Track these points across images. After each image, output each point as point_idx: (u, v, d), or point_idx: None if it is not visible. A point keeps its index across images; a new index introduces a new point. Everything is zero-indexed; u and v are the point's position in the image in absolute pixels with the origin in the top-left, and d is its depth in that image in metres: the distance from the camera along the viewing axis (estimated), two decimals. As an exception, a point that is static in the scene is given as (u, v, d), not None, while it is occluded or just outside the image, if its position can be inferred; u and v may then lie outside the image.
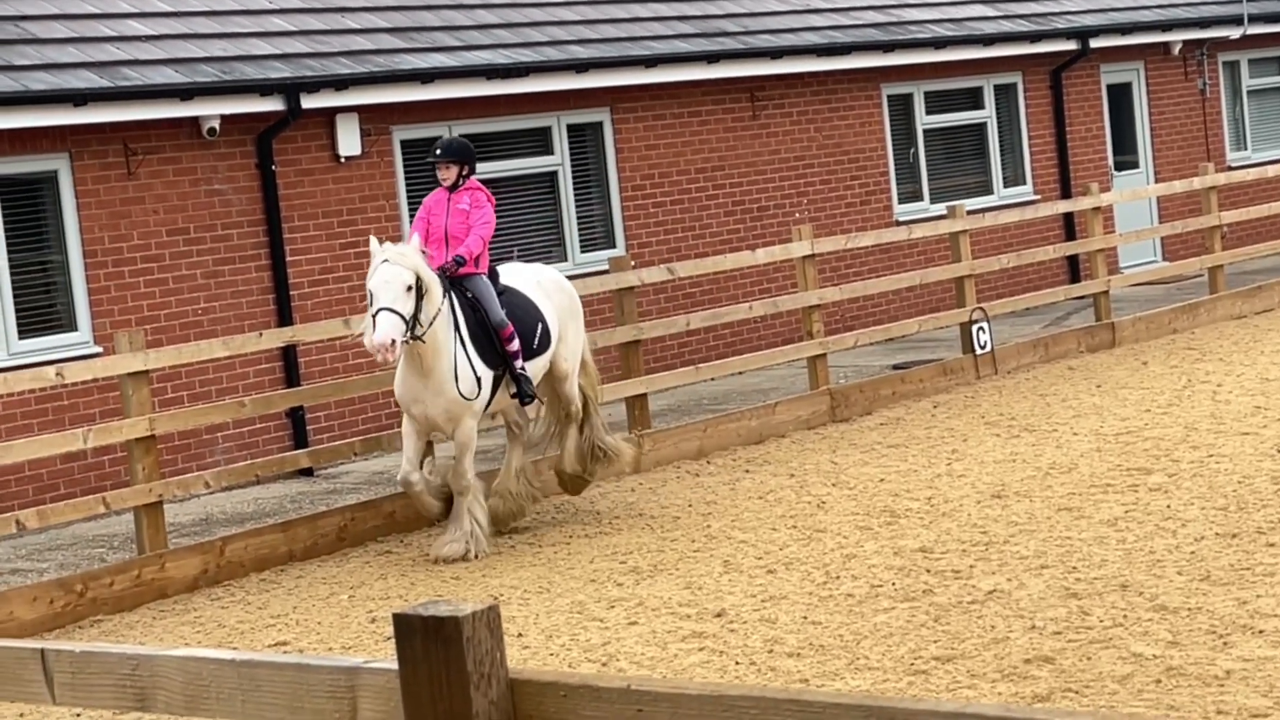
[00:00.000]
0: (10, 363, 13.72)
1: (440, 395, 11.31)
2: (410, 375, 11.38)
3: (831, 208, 20.03)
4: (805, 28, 19.73)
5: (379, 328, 10.78)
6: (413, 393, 11.40)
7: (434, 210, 11.91)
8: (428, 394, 11.31)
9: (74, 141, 14.41)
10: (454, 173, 11.86)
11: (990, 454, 12.91)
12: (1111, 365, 16.77)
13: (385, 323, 10.79)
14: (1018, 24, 21.76)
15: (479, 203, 11.83)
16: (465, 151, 12.01)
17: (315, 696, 3.41)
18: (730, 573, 10.11)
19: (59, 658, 3.73)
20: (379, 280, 10.91)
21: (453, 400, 11.32)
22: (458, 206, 11.80)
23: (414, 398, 11.40)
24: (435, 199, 11.97)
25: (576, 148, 17.96)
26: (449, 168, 11.87)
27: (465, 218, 11.75)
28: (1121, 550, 9.63)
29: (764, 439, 14.56)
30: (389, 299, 10.83)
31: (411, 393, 11.41)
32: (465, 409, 11.37)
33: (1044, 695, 7.33)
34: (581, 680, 3.15)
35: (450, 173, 11.86)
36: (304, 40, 16.10)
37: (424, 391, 11.32)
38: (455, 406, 11.35)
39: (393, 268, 10.89)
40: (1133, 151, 23.71)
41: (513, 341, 11.62)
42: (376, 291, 10.90)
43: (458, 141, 12.20)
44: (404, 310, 10.86)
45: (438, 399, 11.32)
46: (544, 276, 12.39)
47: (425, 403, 11.35)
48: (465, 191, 11.86)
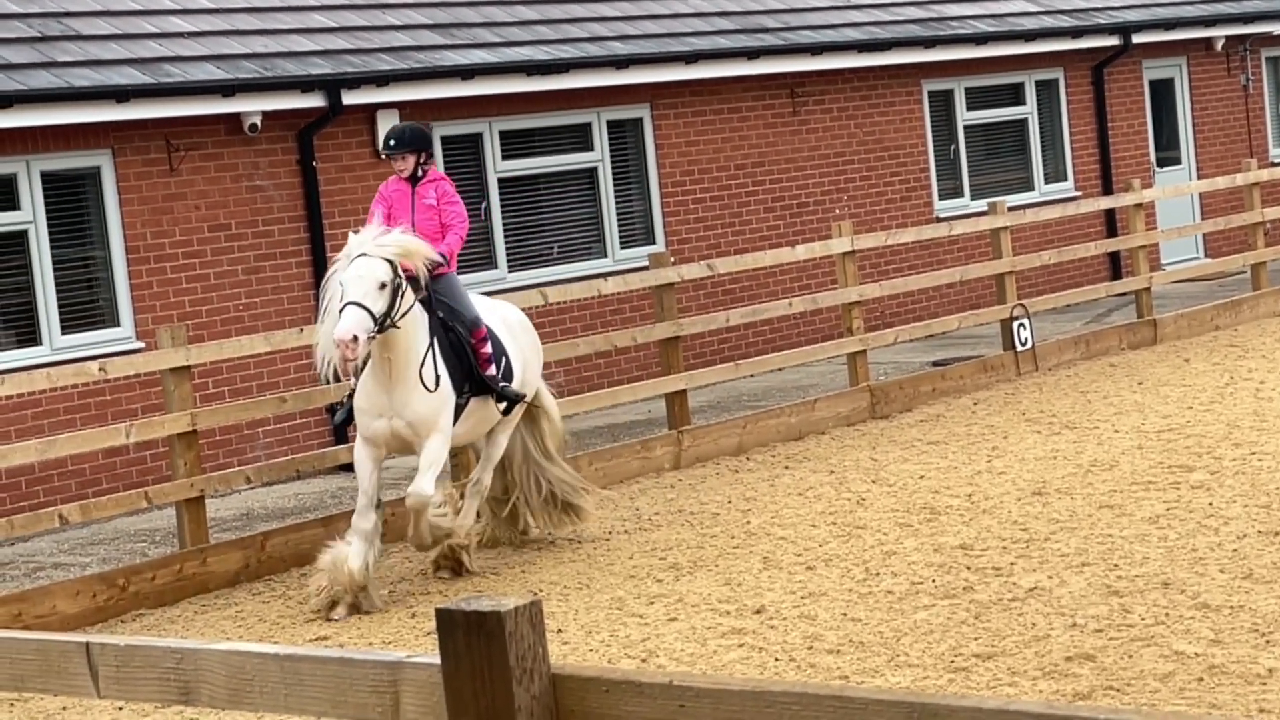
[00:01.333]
0: (53, 358, 13.80)
1: (409, 401, 10.16)
2: (374, 384, 10.21)
3: (871, 204, 19.98)
4: (846, 24, 19.69)
5: (342, 321, 9.68)
6: (377, 404, 10.21)
7: (395, 203, 10.84)
8: (394, 402, 10.17)
9: (117, 138, 14.49)
10: (411, 163, 10.80)
11: (1031, 451, 12.87)
12: (1153, 362, 16.68)
13: (350, 317, 9.68)
14: (1059, 19, 21.66)
15: (448, 196, 10.83)
16: (421, 138, 10.91)
17: (358, 690, 3.42)
18: (770, 569, 10.10)
19: (104, 651, 3.76)
20: (352, 274, 9.84)
21: (426, 407, 10.19)
22: (424, 201, 10.78)
23: (378, 410, 10.21)
24: (394, 189, 10.91)
25: (616, 144, 17.96)
26: (405, 158, 10.79)
27: (434, 214, 10.74)
28: (1163, 548, 9.58)
29: (804, 435, 14.54)
30: (358, 293, 9.77)
31: (375, 404, 10.21)
32: (433, 423, 10.21)
33: (1085, 693, 7.30)
34: (624, 675, 3.16)
35: (407, 163, 10.80)
36: (345, 36, 16.15)
37: (390, 401, 10.17)
38: (428, 415, 10.20)
39: (369, 261, 9.86)
40: (1175, 147, 23.58)
41: (485, 345, 10.62)
42: (347, 284, 9.82)
43: (411, 128, 11.07)
44: (374, 307, 9.78)
45: (406, 407, 10.16)
46: (510, 315, 11.35)
47: (391, 414, 10.18)
48: (429, 184, 10.85)
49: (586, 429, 15.90)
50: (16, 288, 14.17)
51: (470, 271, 16.71)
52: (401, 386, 10.14)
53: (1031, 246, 20.42)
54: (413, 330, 10.16)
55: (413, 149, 10.80)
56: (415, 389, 10.15)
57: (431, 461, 10.24)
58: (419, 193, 10.80)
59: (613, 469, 13.34)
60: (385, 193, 10.95)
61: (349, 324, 9.65)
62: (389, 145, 10.88)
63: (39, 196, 14.14)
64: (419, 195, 10.79)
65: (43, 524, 11.33)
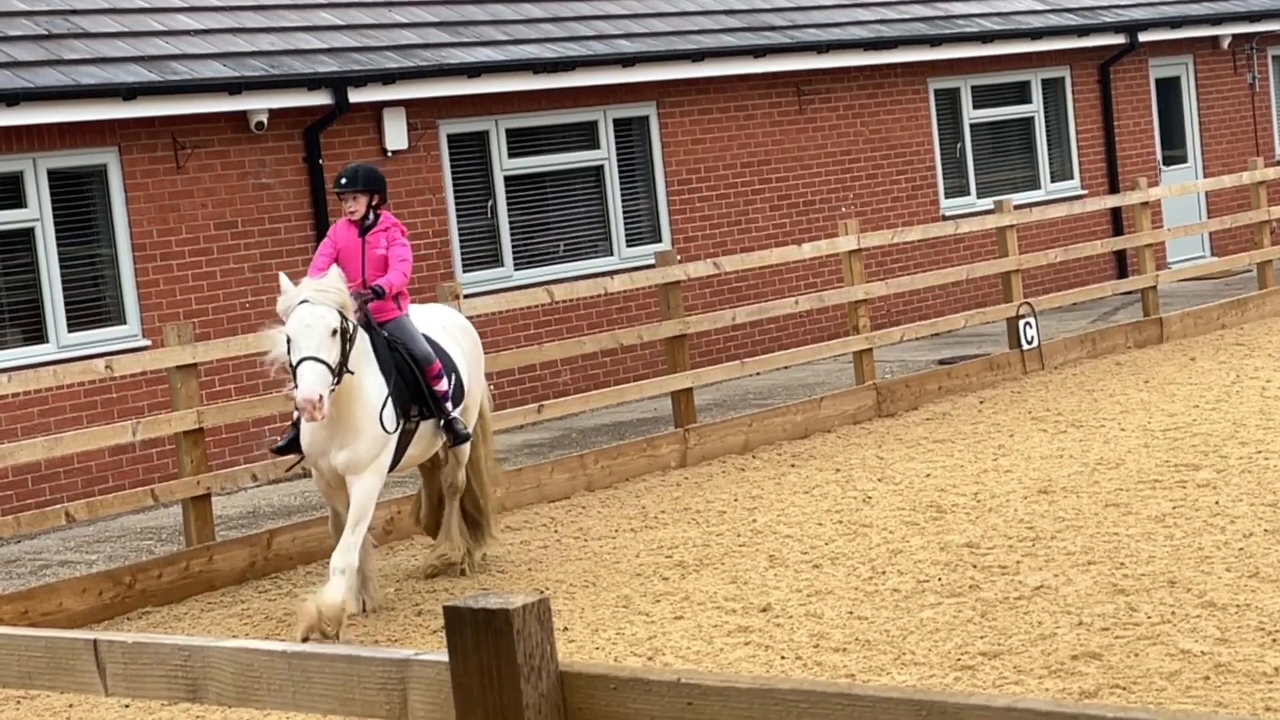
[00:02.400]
0: (60, 355, 13.82)
1: (350, 443, 9.74)
2: (316, 429, 9.77)
3: (877, 202, 19.97)
4: (852, 22, 19.68)
5: (304, 381, 9.25)
6: (319, 444, 9.82)
7: (345, 249, 10.28)
8: (334, 441, 9.75)
9: (123, 135, 14.50)
10: (363, 205, 10.23)
11: (1037, 449, 12.86)
12: (1159, 361, 16.67)
13: (311, 376, 9.26)
14: (1065, 18, 21.65)
15: (396, 241, 10.30)
16: (376, 180, 10.35)
17: (366, 688, 3.42)
18: (776, 567, 10.10)
19: (111, 648, 3.76)
20: (299, 323, 9.36)
21: (364, 448, 9.79)
22: (375, 252, 10.24)
23: (320, 449, 9.83)
24: (344, 235, 10.34)
25: (623, 142, 17.96)
26: (357, 199, 10.22)
27: (383, 262, 10.24)
28: (1169, 546, 9.58)
29: (810, 434, 14.54)
30: (313, 346, 9.32)
31: (319, 444, 9.82)
32: (369, 463, 9.79)
33: (1091, 691, 7.29)
34: (632, 673, 3.16)
35: (359, 205, 10.22)
36: (351, 34, 16.15)
37: (330, 440, 9.76)
38: (360, 459, 9.78)
39: (314, 309, 9.38)
40: (1181, 146, 23.56)
41: (441, 380, 10.20)
42: (298, 337, 9.35)
43: (365, 168, 10.49)
44: (330, 359, 9.37)
45: (345, 448, 9.75)
46: (449, 320, 10.91)
47: (330, 451, 9.78)
48: (380, 232, 10.28)
49: (592, 427, 15.90)
50: (23, 285, 14.18)
51: (477, 270, 16.73)
52: (344, 423, 9.71)
53: (1038, 245, 20.41)
54: (357, 368, 9.71)
55: (366, 190, 10.24)
56: (356, 428, 9.73)
57: (361, 513, 9.74)
58: (370, 242, 10.26)
59: (619, 467, 13.35)
60: (335, 237, 10.40)
61: (311, 383, 9.25)
62: (340, 184, 10.31)
63: (45, 194, 14.16)
64: (369, 244, 10.25)
65: (49, 521, 11.34)
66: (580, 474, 13.14)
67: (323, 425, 9.65)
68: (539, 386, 16.81)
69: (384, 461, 9.90)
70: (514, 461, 14.34)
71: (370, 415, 9.78)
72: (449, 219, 16.59)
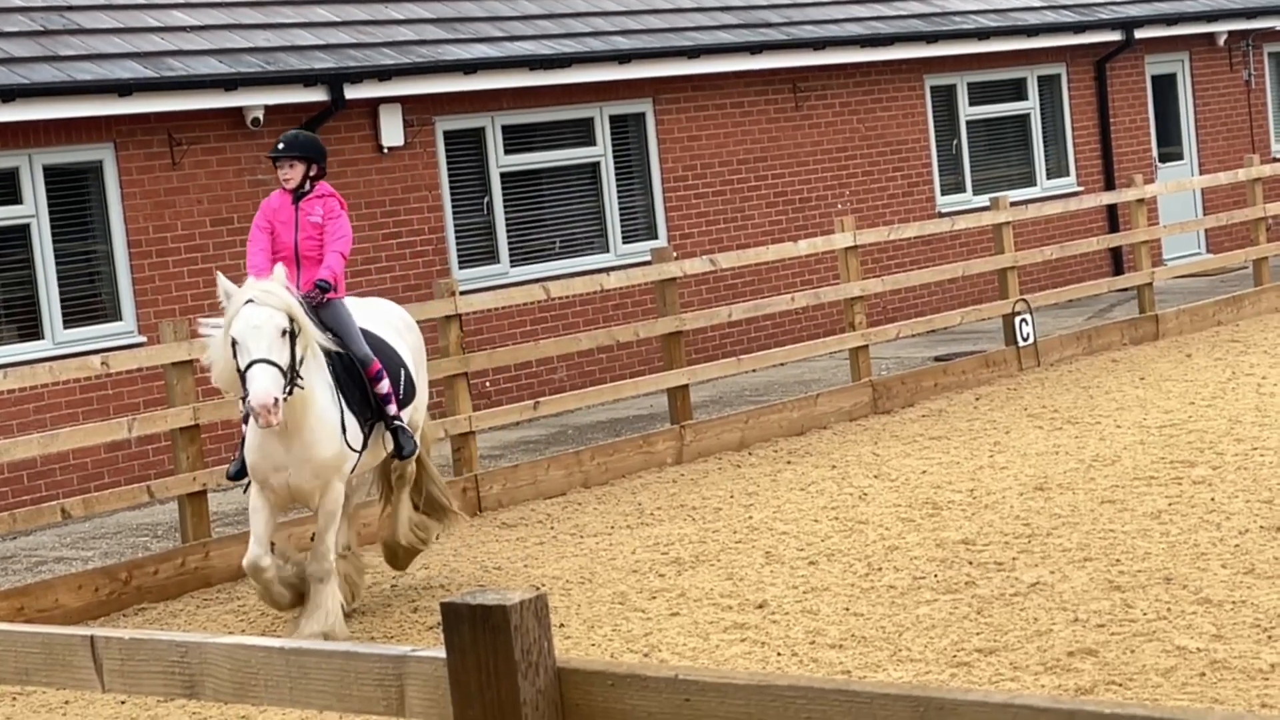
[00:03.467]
0: (56, 352, 13.81)
1: (310, 456, 9.19)
2: (267, 436, 9.13)
3: (874, 199, 19.98)
4: (848, 18, 19.68)
5: (256, 384, 8.68)
6: (273, 459, 9.21)
7: (279, 220, 9.76)
8: (293, 456, 9.18)
9: (119, 132, 14.49)
10: (299, 173, 9.70)
11: (1033, 446, 12.87)
12: (1155, 358, 16.68)
13: (264, 378, 8.70)
14: (1062, 15, 21.65)
15: (333, 211, 9.74)
16: (313, 147, 9.83)
17: (363, 684, 3.42)
18: (772, 564, 10.10)
19: (108, 644, 3.76)
20: (246, 325, 8.80)
21: (328, 458, 9.26)
22: (309, 219, 9.70)
23: (274, 464, 9.22)
24: (277, 205, 9.80)
25: (619, 138, 17.96)
26: (293, 165, 9.69)
27: (319, 232, 9.69)
28: (1165, 543, 9.59)
29: (806, 430, 14.55)
30: (263, 348, 8.77)
31: (271, 459, 9.21)
32: (336, 470, 9.33)
33: (1087, 688, 7.30)
34: (629, 669, 3.16)
35: (295, 173, 9.69)
36: (347, 31, 16.14)
37: (288, 455, 9.18)
38: (327, 468, 9.29)
39: (262, 310, 8.84)
40: (1177, 143, 23.57)
41: (382, 381, 9.62)
42: (246, 339, 8.78)
43: (305, 135, 10.07)
44: (282, 361, 8.82)
45: (305, 462, 9.20)
46: (393, 314, 10.42)
47: (290, 469, 9.21)
48: (315, 200, 9.74)
49: (588, 424, 15.91)
50: (18, 282, 14.17)
51: (473, 266, 16.72)
52: (300, 435, 9.12)
53: (1034, 242, 20.42)
54: (311, 374, 9.16)
55: (303, 157, 9.70)
56: (319, 439, 9.20)
57: (329, 521, 9.38)
58: (304, 209, 9.71)
59: (615, 464, 13.35)
60: (267, 211, 9.84)
61: (265, 385, 8.68)
62: (276, 148, 9.77)
63: (41, 190, 14.14)
64: (303, 212, 9.71)
65: (45, 518, 11.33)
66: (576, 470, 13.14)
67: (275, 440, 9.07)
68: (535, 383, 16.81)
69: (347, 468, 9.47)
70: (510, 458, 14.34)
71: (328, 429, 9.22)
72: (445, 215, 16.58)
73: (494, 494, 12.67)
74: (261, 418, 8.68)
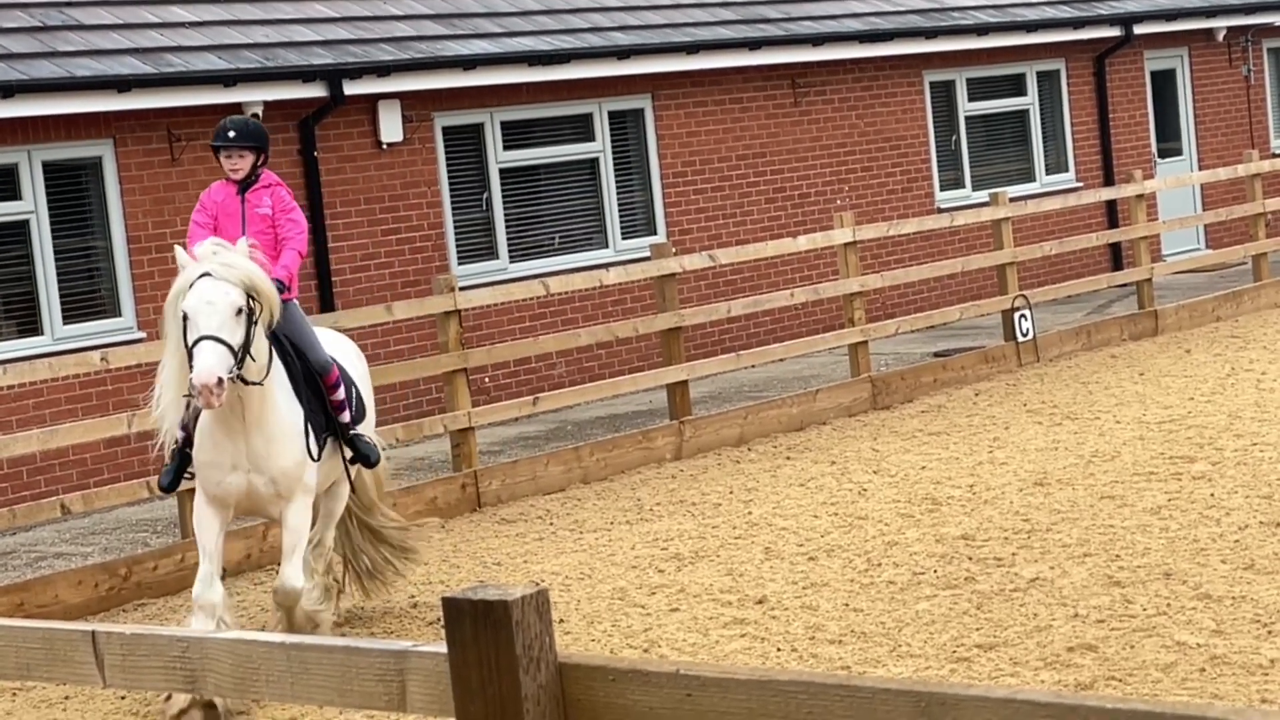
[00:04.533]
0: (55, 348, 13.80)
1: (270, 453, 8.40)
2: (221, 434, 8.38)
3: (873, 195, 19.98)
4: (847, 14, 19.67)
5: (200, 361, 7.92)
6: (227, 458, 8.39)
7: (224, 212, 9.04)
8: (252, 455, 8.39)
9: (118, 127, 14.49)
10: (248, 163, 9.01)
11: (1032, 442, 12.87)
12: (1154, 353, 16.69)
13: (210, 355, 7.92)
14: (1061, 10, 21.65)
15: (284, 204, 9.07)
16: (264, 136, 9.17)
17: (364, 679, 3.42)
18: (771, 559, 10.11)
19: (109, 640, 3.76)
20: (198, 299, 8.04)
21: (290, 461, 8.46)
22: (257, 210, 8.99)
23: (230, 462, 8.40)
24: (221, 197, 9.09)
25: (618, 134, 17.95)
26: (243, 156, 9.00)
27: (268, 225, 8.99)
28: (1165, 539, 9.59)
29: (805, 426, 14.55)
30: (213, 324, 7.99)
31: (225, 458, 8.39)
32: (298, 479, 8.50)
33: (1087, 684, 7.30)
34: (630, 665, 3.16)
35: (244, 163, 9.01)
36: (346, 26, 16.14)
37: (243, 455, 8.38)
38: (289, 474, 8.46)
39: (217, 284, 8.06)
40: (1176, 138, 23.57)
41: (338, 390, 8.93)
42: (196, 314, 8.02)
43: (254, 122, 9.32)
44: (232, 340, 8.03)
45: (265, 459, 8.39)
46: (341, 342, 9.63)
47: (249, 469, 8.40)
48: (263, 190, 9.06)
49: (588, 419, 15.91)
50: (18, 277, 14.17)
51: (472, 262, 16.72)
52: (260, 433, 8.39)
53: (1033, 237, 20.41)
54: (266, 363, 8.43)
55: (253, 146, 9.04)
56: (278, 436, 8.43)
57: (296, 539, 8.55)
58: (251, 200, 9.03)
59: (614, 459, 13.35)
60: (208, 203, 9.12)
61: (209, 363, 7.90)
62: (226, 135, 9.03)
63: (40, 186, 14.14)
64: (250, 203, 9.02)
65: (44, 514, 11.34)
66: (575, 466, 13.14)
67: (230, 438, 8.34)
68: (534, 379, 16.81)
69: (312, 480, 8.62)
70: (509, 454, 14.34)
71: (289, 427, 8.50)
72: (444, 211, 16.58)
73: (493, 490, 12.67)
74: (202, 396, 7.90)
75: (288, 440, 8.48)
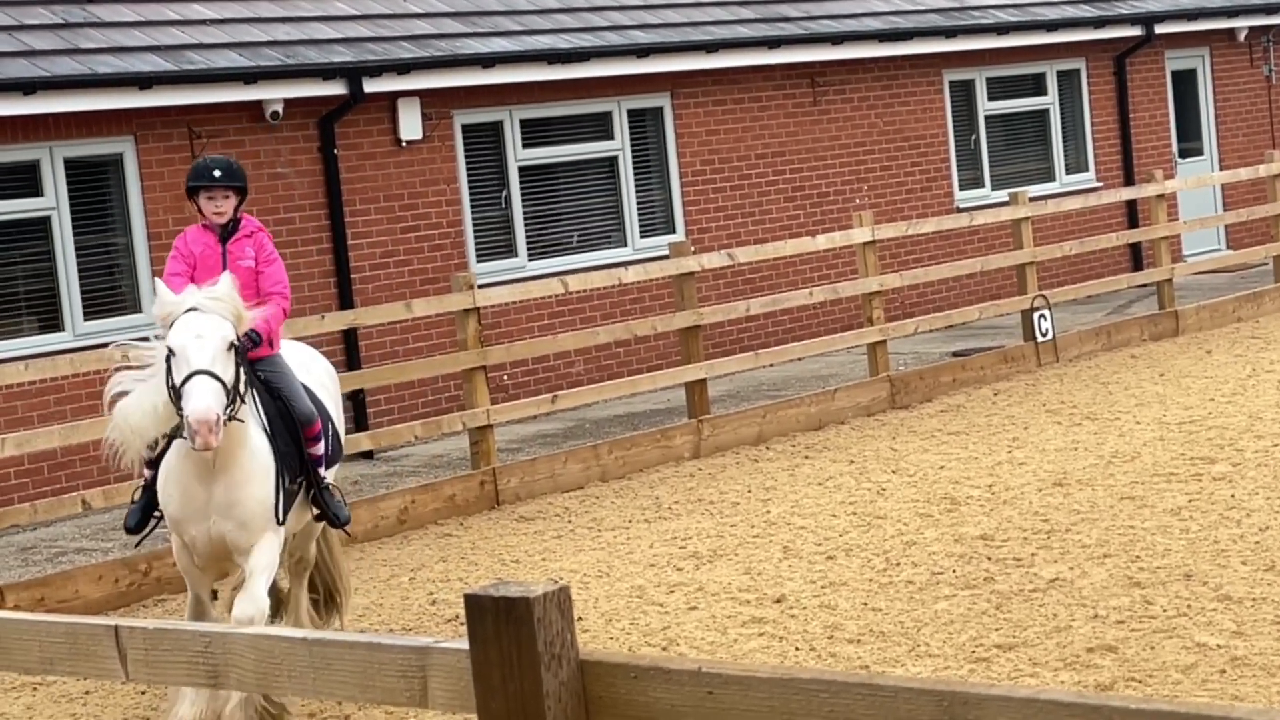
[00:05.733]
0: (76, 344, 13.84)
1: (238, 499, 7.78)
2: (189, 477, 7.78)
3: (892, 194, 19.95)
4: (867, 13, 19.65)
5: (195, 399, 7.38)
6: (194, 502, 7.79)
7: (203, 262, 8.44)
8: (218, 501, 7.76)
9: (139, 124, 14.52)
10: (231, 205, 8.45)
11: (1051, 442, 12.84)
12: (1175, 354, 16.64)
13: (206, 391, 7.41)
14: (1081, 9, 21.60)
15: (267, 254, 8.51)
16: (244, 176, 8.60)
17: (386, 675, 3.43)
18: (790, 558, 10.10)
19: (132, 634, 3.77)
20: (188, 333, 7.54)
21: (258, 506, 7.82)
22: (240, 263, 8.39)
23: (196, 509, 7.80)
24: (199, 246, 8.51)
25: (637, 133, 17.96)
26: (226, 198, 8.44)
27: (251, 277, 8.39)
28: (1185, 540, 9.57)
29: (823, 425, 14.54)
30: (205, 359, 7.49)
31: (193, 502, 7.79)
32: (267, 522, 7.87)
33: (1107, 684, 7.29)
34: (652, 662, 3.16)
35: (227, 205, 8.44)
36: (366, 24, 16.16)
37: (211, 499, 7.77)
38: (257, 518, 7.83)
39: (208, 319, 7.60)
40: (1197, 138, 23.51)
41: (318, 444, 8.35)
42: (187, 350, 7.51)
43: (235, 162, 8.65)
44: (225, 376, 7.54)
45: (233, 506, 7.77)
46: (315, 363, 9.02)
47: (213, 517, 7.78)
48: (245, 239, 8.48)
49: (606, 418, 15.91)
50: (39, 274, 14.21)
51: (491, 260, 16.73)
52: (226, 477, 7.75)
53: (1053, 237, 20.38)
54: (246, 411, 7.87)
55: (238, 187, 8.47)
56: (247, 478, 7.80)
57: (263, 568, 7.84)
58: (233, 250, 8.45)
59: (632, 458, 13.36)
60: (185, 249, 8.55)
61: (206, 399, 7.38)
62: (210, 174, 8.44)
63: (62, 183, 14.18)
64: (232, 253, 8.45)
65: (65, 509, 11.37)
66: (594, 464, 13.15)
67: (200, 482, 7.77)
68: (553, 377, 16.82)
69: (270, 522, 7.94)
70: (527, 452, 14.35)
71: (261, 470, 7.87)
72: (463, 209, 16.59)
73: (511, 487, 12.68)
74: (200, 436, 7.33)
75: (256, 482, 7.85)
